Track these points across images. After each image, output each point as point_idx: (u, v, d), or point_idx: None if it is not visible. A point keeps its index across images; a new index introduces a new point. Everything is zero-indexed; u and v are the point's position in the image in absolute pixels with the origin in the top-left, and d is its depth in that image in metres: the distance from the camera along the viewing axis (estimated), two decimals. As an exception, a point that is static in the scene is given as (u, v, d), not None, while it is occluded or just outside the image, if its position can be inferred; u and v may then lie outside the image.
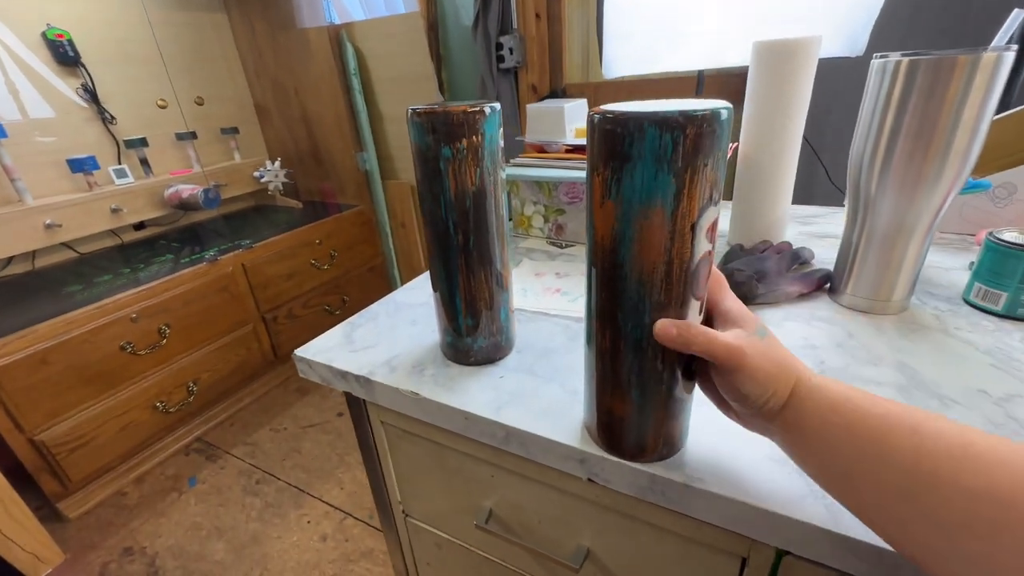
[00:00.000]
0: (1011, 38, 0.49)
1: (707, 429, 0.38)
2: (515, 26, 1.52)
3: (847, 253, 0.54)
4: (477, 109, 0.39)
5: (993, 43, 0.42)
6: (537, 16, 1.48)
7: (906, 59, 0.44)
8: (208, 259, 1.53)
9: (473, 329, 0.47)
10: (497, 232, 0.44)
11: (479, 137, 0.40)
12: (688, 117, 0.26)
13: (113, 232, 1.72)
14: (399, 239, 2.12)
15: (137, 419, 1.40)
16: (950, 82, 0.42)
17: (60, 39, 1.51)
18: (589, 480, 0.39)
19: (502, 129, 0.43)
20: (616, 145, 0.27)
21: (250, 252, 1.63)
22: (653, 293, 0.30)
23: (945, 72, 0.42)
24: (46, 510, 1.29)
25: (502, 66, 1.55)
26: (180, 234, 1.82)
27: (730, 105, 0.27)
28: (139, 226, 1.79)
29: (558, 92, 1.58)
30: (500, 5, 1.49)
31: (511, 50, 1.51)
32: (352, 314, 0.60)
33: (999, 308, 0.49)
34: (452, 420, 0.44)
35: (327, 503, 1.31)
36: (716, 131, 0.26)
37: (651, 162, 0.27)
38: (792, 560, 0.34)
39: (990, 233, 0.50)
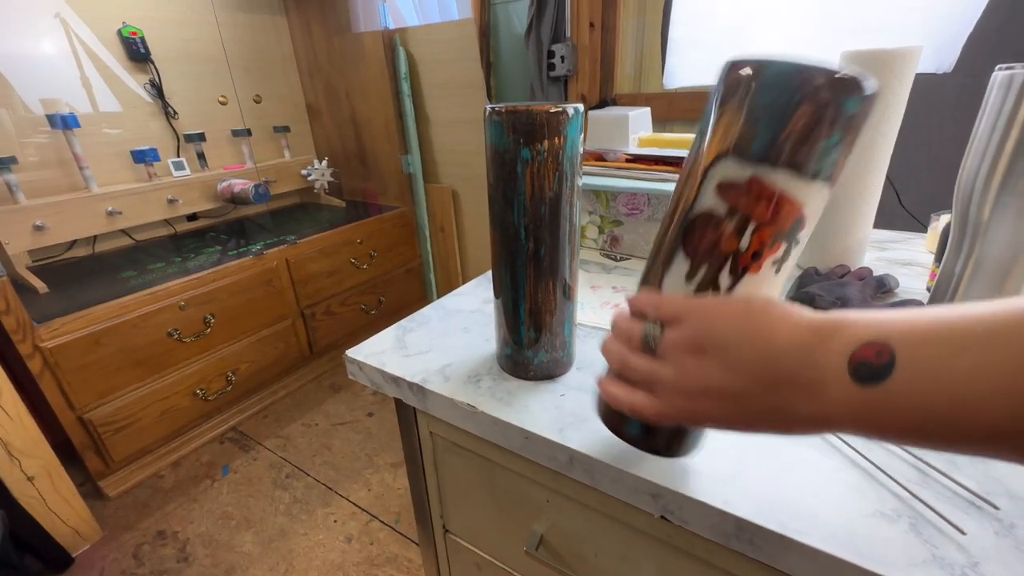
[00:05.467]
0: None
1: (798, 472, 0.34)
2: (568, 35, 1.50)
3: (947, 283, 0.49)
4: (560, 110, 0.37)
5: None
6: (591, 25, 1.46)
7: (1039, 71, 0.39)
8: (255, 253, 1.56)
9: (535, 342, 0.44)
10: (569, 242, 0.42)
11: (561, 139, 0.37)
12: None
13: (167, 222, 1.78)
14: (437, 243, 2.12)
15: (178, 404, 1.43)
16: (1094, 98, 0.37)
17: (134, 36, 1.58)
18: (661, 518, 0.35)
19: (583, 134, 0.40)
20: None
21: (294, 248, 1.66)
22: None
23: (1088, 87, 0.37)
24: (88, 486, 1.33)
25: (552, 74, 1.54)
26: (229, 227, 1.87)
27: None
28: (192, 217, 1.86)
29: (608, 102, 1.55)
30: (554, 13, 1.48)
31: (563, 58, 1.50)
32: (387, 315, 0.59)
33: None
34: (509, 438, 0.42)
35: (354, 503, 1.30)
36: None
37: None
38: (905, 634, 0.30)
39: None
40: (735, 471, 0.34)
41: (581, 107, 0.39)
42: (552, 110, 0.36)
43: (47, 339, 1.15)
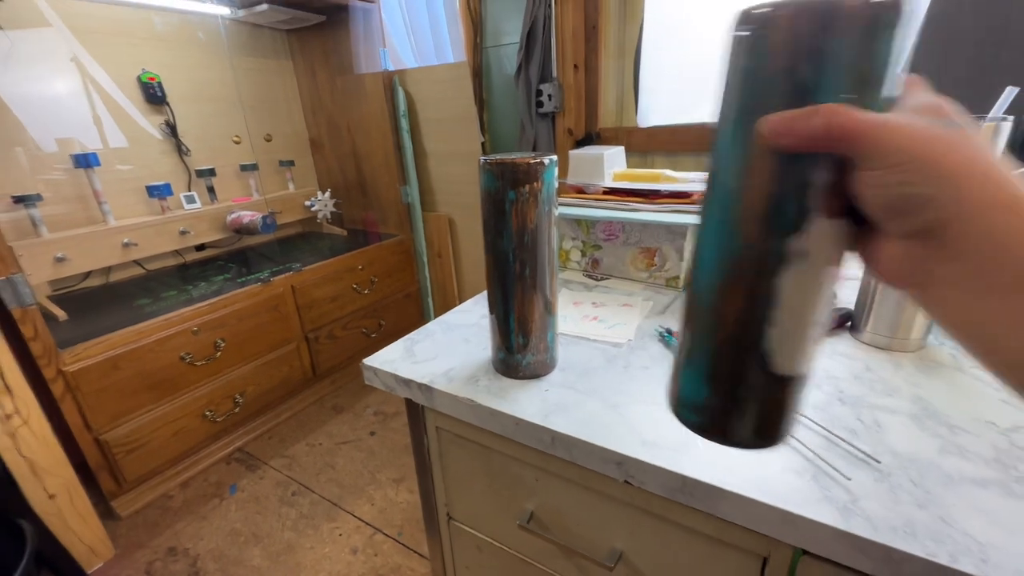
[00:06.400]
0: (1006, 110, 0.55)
1: (733, 441, 0.43)
2: (555, 75, 1.64)
3: (866, 294, 0.59)
4: (538, 160, 0.47)
5: (990, 114, 0.48)
6: (575, 67, 1.60)
7: (914, 124, 0.50)
8: (263, 280, 1.65)
9: (523, 347, 0.54)
10: (549, 263, 0.51)
11: (539, 183, 0.47)
12: None
13: (178, 252, 1.88)
14: (435, 269, 2.22)
15: (188, 426, 1.49)
16: (954, 145, 0.48)
17: (152, 81, 1.71)
18: (625, 482, 0.44)
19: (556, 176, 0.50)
20: None
21: (299, 275, 1.75)
22: None
23: (949, 137, 0.48)
24: (102, 507, 1.37)
25: (541, 111, 1.67)
26: (235, 256, 1.97)
27: None
28: (200, 247, 1.95)
29: (592, 136, 1.68)
30: (541, 56, 1.62)
31: (550, 96, 1.63)
32: (387, 338, 0.68)
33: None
34: (503, 425, 0.50)
35: (358, 518, 1.36)
36: None
37: None
38: (809, 560, 0.38)
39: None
40: (683, 443, 0.43)
41: (555, 157, 0.49)
42: (532, 161, 0.46)
43: (70, 363, 1.22)
